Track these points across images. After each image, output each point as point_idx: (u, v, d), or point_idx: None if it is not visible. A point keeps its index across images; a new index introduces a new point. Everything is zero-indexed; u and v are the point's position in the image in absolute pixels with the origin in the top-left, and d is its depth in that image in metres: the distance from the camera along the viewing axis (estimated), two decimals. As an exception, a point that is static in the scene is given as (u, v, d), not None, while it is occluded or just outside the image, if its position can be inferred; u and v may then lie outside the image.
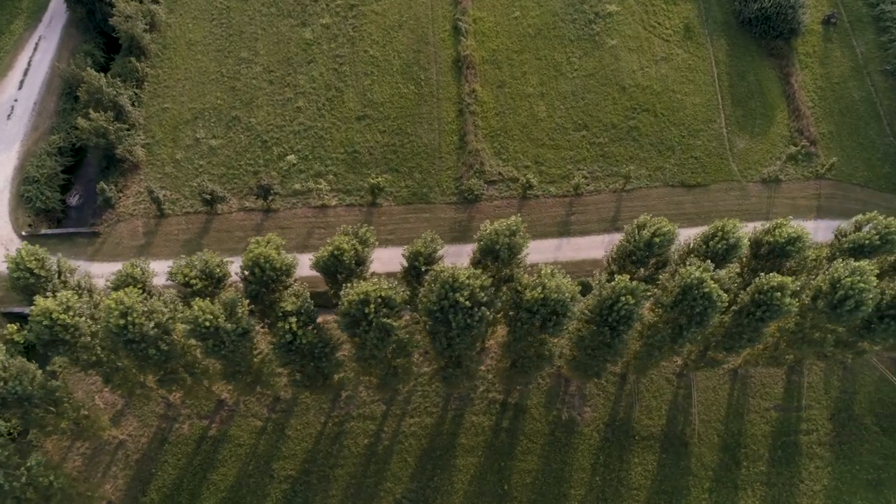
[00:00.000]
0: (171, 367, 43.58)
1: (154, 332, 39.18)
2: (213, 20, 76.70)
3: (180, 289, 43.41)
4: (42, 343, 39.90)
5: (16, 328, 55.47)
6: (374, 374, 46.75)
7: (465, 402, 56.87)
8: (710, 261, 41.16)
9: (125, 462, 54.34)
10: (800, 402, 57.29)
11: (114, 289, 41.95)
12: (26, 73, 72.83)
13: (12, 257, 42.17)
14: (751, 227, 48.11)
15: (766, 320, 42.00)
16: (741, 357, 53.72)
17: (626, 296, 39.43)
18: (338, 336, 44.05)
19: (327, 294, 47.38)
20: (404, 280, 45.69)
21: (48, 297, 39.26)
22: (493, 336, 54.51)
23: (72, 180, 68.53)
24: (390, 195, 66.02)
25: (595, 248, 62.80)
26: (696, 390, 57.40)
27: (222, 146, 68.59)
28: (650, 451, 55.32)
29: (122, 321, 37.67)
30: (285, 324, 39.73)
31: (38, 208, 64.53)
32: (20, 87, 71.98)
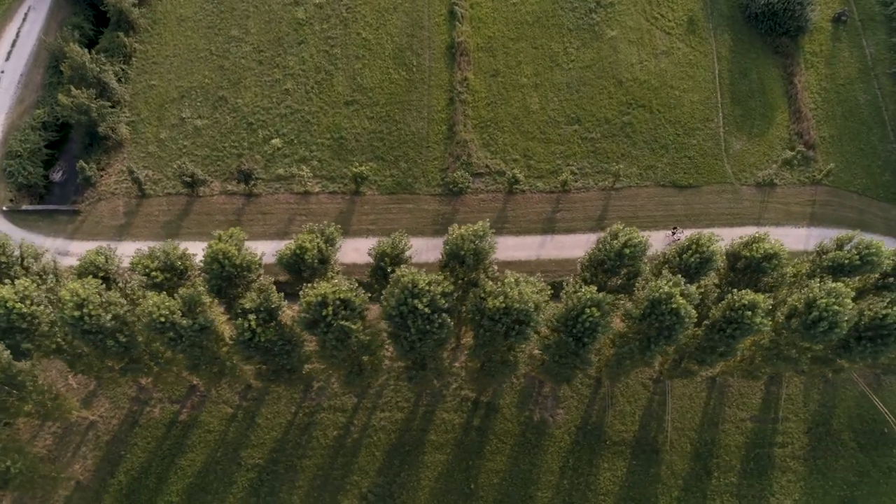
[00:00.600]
0: (134, 355, 43.32)
1: (112, 324, 38.80)
2: (204, -5, 75.04)
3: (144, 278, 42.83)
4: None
5: None
6: (338, 372, 46.31)
7: (437, 399, 56.45)
8: (681, 275, 40.11)
9: (95, 443, 54.59)
10: (777, 414, 56.37)
11: (77, 276, 41.55)
12: (14, 44, 71.37)
13: (-28, 243, 41.72)
14: (730, 239, 46.67)
15: (738, 337, 41.03)
16: (717, 368, 52.74)
17: (592, 308, 38.51)
18: (301, 332, 43.42)
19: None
20: (372, 278, 44.86)
21: (6, 284, 38.86)
22: (465, 335, 53.73)
23: (56, 156, 67.76)
24: (374, 184, 64.90)
25: (579, 247, 61.31)
26: (671, 397, 56.58)
27: (207, 126, 67.53)
28: (620, 457, 54.76)
29: (77, 313, 37.30)
30: (244, 321, 39.15)
31: (20, 183, 63.90)
32: (7, 59, 70.55)
